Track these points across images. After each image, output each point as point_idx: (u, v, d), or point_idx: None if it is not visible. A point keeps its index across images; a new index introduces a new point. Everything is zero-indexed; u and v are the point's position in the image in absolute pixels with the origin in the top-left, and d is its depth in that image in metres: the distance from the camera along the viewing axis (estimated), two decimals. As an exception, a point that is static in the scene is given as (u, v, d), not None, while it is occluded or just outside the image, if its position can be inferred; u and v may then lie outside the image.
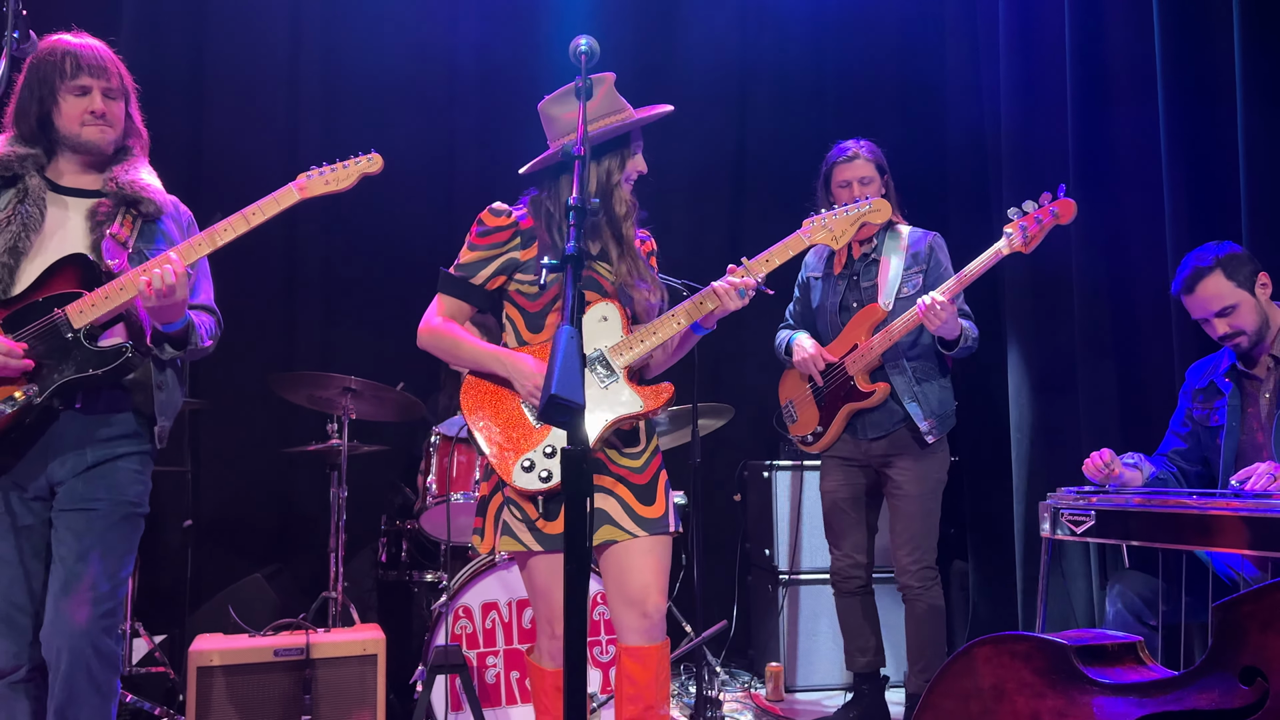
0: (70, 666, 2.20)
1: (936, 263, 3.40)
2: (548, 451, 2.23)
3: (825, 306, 3.48)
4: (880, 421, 3.36)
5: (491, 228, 2.35)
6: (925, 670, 3.35)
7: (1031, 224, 3.12)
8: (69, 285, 2.27)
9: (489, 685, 3.15)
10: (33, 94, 2.34)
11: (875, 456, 3.41)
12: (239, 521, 4.33)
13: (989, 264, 3.18)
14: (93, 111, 2.34)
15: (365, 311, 4.55)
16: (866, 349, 3.30)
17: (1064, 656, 1.99)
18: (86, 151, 2.38)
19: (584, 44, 1.97)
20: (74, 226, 2.35)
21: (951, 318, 3.16)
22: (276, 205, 2.38)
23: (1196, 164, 3.26)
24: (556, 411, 1.19)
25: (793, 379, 3.61)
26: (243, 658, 2.97)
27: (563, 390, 1.17)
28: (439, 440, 3.48)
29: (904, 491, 3.34)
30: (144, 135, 2.51)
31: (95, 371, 2.25)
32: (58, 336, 2.24)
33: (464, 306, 2.38)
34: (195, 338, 2.39)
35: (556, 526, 2.26)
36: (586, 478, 1.47)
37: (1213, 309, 2.72)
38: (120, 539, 2.32)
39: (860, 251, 3.45)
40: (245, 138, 4.35)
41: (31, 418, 2.23)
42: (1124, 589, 2.73)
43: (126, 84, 2.43)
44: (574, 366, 1.22)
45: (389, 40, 4.61)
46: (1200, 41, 3.28)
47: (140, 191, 2.38)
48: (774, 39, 5.00)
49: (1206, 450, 2.88)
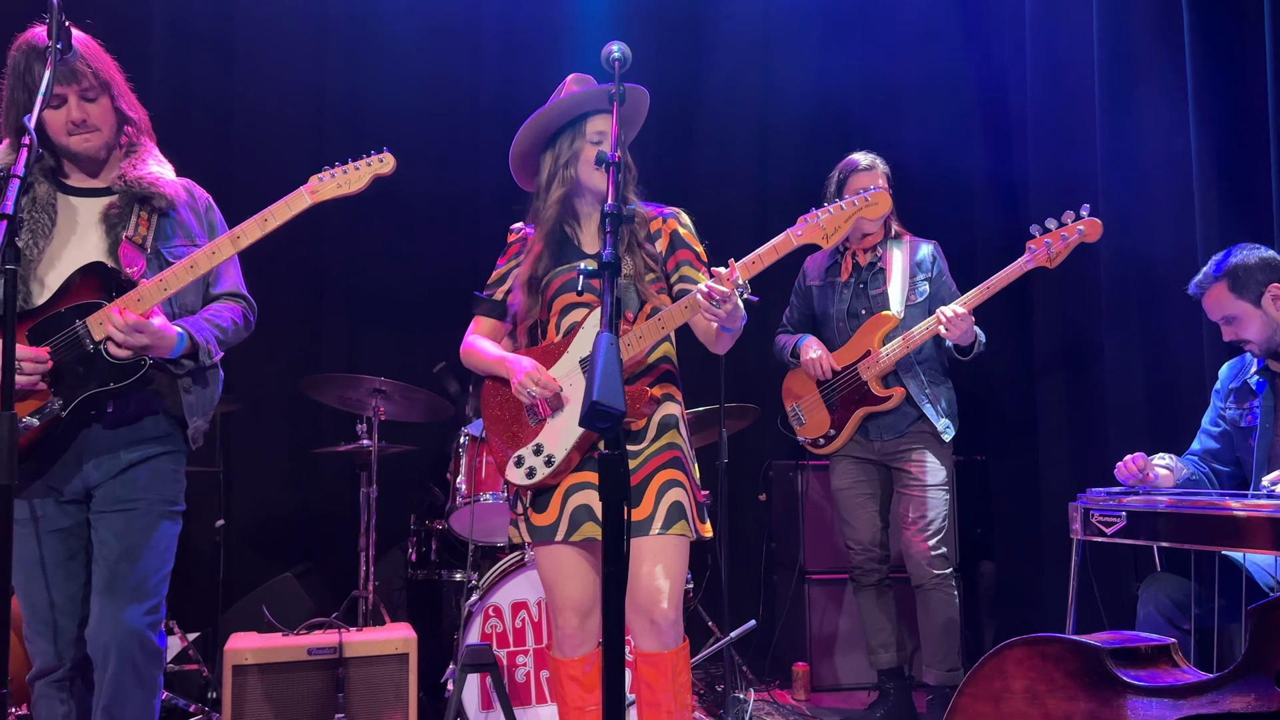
0: (118, 663, 2.24)
1: (940, 270, 3.57)
2: (535, 449, 2.33)
3: (832, 313, 3.60)
4: (894, 424, 3.50)
5: (508, 244, 2.54)
6: (945, 660, 3.46)
7: (1057, 241, 3.23)
8: (90, 294, 2.26)
9: (519, 684, 3.18)
10: (13, 100, 2.26)
11: (888, 454, 3.54)
12: (269, 521, 4.38)
13: (1012, 278, 3.30)
14: (73, 121, 2.26)
15: (391, 314, 4.58)
16: (882, 355, 3.43)
17: (1097, 658, 1.99)
18: (79, 159, 2.34)
19: (616, 50, 1.97)
20: (88, 230, 2.33)
21: (970, 328, 3.30)
22: (288, 210, 2.33)
23: (1227, 154, 3.24)
24: (598, 418, 1.20)
25: (798, 382, 3.69)
26: (277, 656, 3.00)
27: (604, 396, 1.19)
28: (468, 441, 3.50)
29: (919, 481, 3.48)
30: (142, 118, 2.41)
31: (115, 385, 2.25)
32: (80, 348, 2.24)
33: (495, 324, 2.52)
34: (204, 353, 2.36)
35: (544, 519, 2.35)
36: (624, 483, 1.48)
37: (1215, 317, 2.80)
38: (161, 536, 2.35)
39: (866, 260, 3.57)
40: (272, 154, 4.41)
41: (60, 429, 2.25)
42: (1156, 591, 2.72)
43: (105, 74, 2.30)
44: (614, 373, 1.23)
45: (413, 46, 4.63)
46: (1230, 26, 3.25)
47: (150, 187, 2.33)
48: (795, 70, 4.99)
49: (1239, 450, 2.87)
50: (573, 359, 2.35)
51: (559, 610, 2.37)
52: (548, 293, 2.41)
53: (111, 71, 2.32)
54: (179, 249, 2.39)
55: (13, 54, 2.26)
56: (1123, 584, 3.27)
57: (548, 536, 2.34)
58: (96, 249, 2.32)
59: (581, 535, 2.32)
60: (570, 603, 2.36)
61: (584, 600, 2.36)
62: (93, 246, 2.32)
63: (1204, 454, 2.93)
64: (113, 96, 2.33)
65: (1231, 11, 3.24)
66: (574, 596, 2.36)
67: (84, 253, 2.30)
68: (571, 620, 2.36)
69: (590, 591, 2.37)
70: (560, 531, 2.33)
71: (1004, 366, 4.16)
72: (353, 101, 4.58)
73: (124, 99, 2.37)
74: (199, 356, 2.36)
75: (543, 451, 2.32)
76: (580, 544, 2.36)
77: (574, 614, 2.36)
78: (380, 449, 3.71)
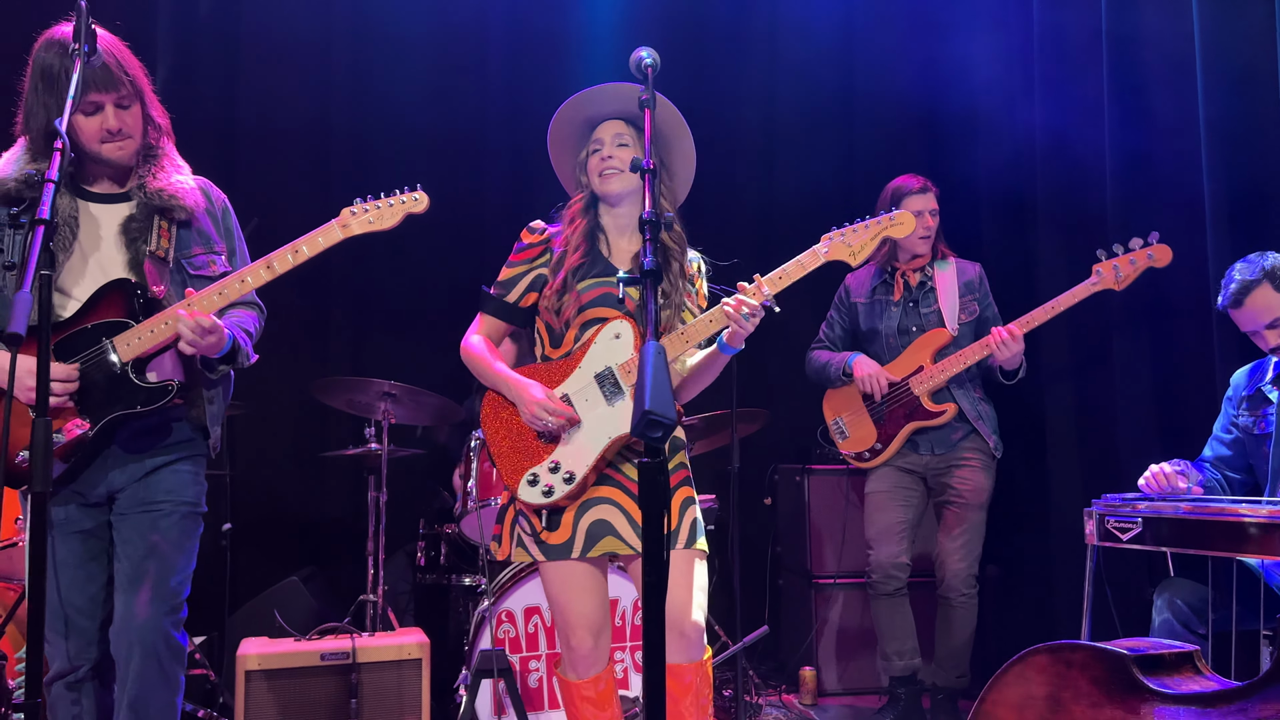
0: (142, 661, 2.24)
1: (985, 292, 3.66)
2: (551, 467, 2.29)
3: (881, 330, 3.65)
4: (945, 438, 3.56)
5: (525, 244, 2.45)
6: (956, 668, 3.54)
7: (1125, 265, 3.28)
8: (116, 312, 2.25)
9: (531, 690, 3.17)
10: (39, 101, 2.20)
11: (935, 469, 3.58)
12: (274, 525, 4.36)
13: (1077, 299, 3.35)
14: (108, 130, 2.24)
15: (396, 318, 4.57)
16: (936, 371, 3.49)
17: (1123, 666, 1.99)
18: (109, 165, 2.32)
19: (646, 55, 1.96)
20: (109, 243, 2.31)
21: (1020, 350, 3.37)
22: (319, 243, 2.36)
23: (1238, 168, 3.25)
24: (650, 427, 1.20)
25: (841, 396, 3.71)
26: (289, 661, 2.99)
27: (656, 406, 1.19)
28: (479, 445, 3.49)
29: (965, 500, 3.53)
30: (164, 122, 2.39)
31: (142, 409, 2.24)
32: (108, 368, 2.23)
33: (500, 325, 2.46)
34: (243, 354, 2.38)
35: (557, 537, 2.30)
36: (663, 492, 1.48)
37: (1263, 321, 2.73)
38: (183, 536, 2.35)
39: (917, 280, 3.64)
40: (277, 156, 4.40)
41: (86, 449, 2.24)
42: (1171, 597, 2.73)
43: (139, 84, 2.28)
44: (664, 382, 1.23)
45: (419, 49, 4.61)
46: (1241, 39, 3.26)
47: (171, 199, 2.32)
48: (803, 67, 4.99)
49: (1251, 457, 2.88)
50: (586, 374, 2.31)
51: (572, 629, 2.32)
52: (572, 302, 2.37)
53: (142, 77, 2.30)
54: (199, 259, 2.39)
55: (39, 52, 2.20)
56: (1133, 589, 3.28)
57: (563, 554, 2.29)
58: (118, 263, 2.30)
59: (599, 550, 2.29)
60: (584, 620, 2.31)
61: (597, 618, 2.33)
62: (114, 260, 2.30)
63: (1216, 460, 2.94)
64: (144, 104, 2.32)
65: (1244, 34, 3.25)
66: (587, 614, 2.31)
67: (106, 266, 2.29)
68: (586, 640, 2.31)
69: (602, 609, 2.34)
70: (576, 548, 2.29)
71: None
72: (357, 107, 4.57)
73: (153, 105, 2.35)
74: (238, 359, 2.37)
75: (560, 469, 2.27)
76: (593, 561, 2.32)
77: (588, 633, 2.31)
78: (389, 453, 3.69)
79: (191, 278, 2.37)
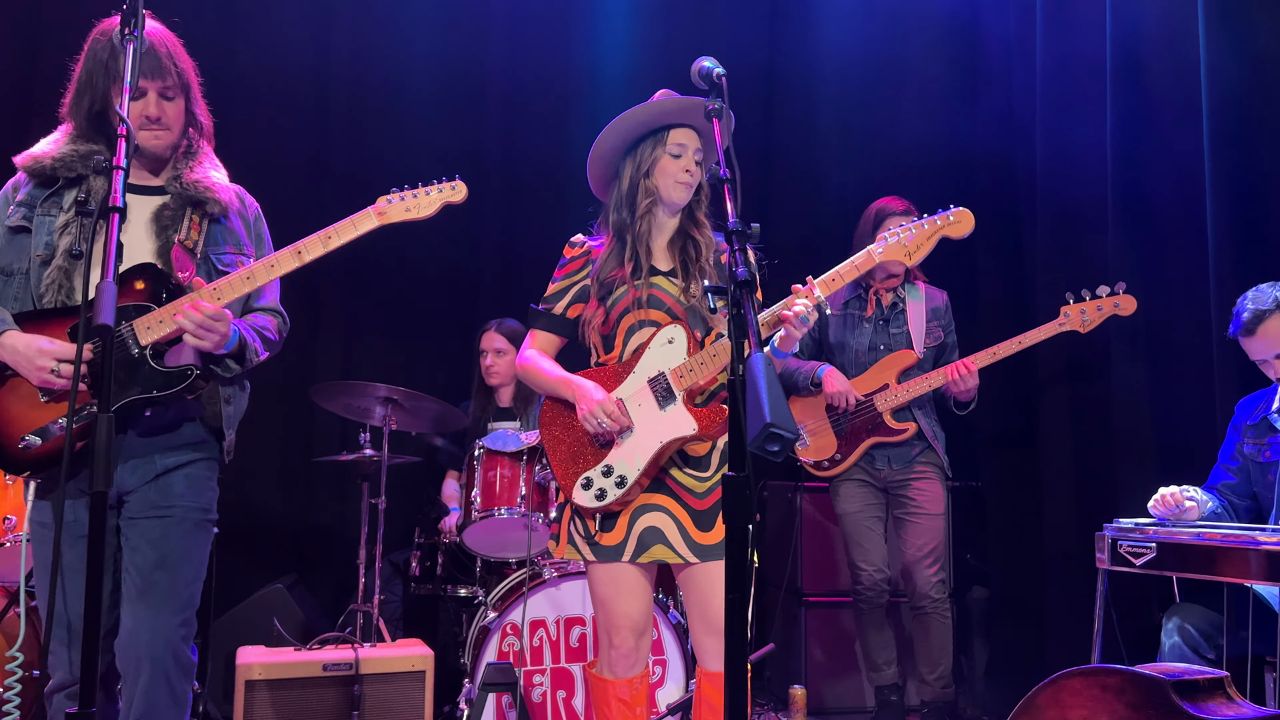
0: (150, 677, 2.16)
1: (949, 320, 3.77)
2: (604, 471, 2.31)
3: (850, 344, 3.72)
4: (904, 454, 3.65)
5: (568, 259, 2.49)
6: (940, 678, 3.60)
7: (1092, 310, 3.43)
8: (139, 296, 2.19)
9: (535, 704, 3.12)
10: (89, 85, 2.22)
11: (893, 482, 3.67)
12: (259, 532, 4.25)
13: (1042, 337, 3.48)
14: (148, 116, 2.22)
15: (388, 322, 4.51)
16: (901, 390, 3.58)
17: (1161, 691, 2.00)
18: (142, 153, 2.28)
19: (709, 63, 1.94)
20: (139, 230, 2.27)
21: (975, 385, 3.50)
22: (354, 230, 2.31)
23: (1241, 196, 3.32)
24: (769, 440, 1.18)
25: (805, 405, 3.77)
26: (291, 672, 2.92)
27: (777, 419, 1.17)
28: (483, 454, 3.44)
29: (925, 510, 3.61)
30: (207, 124, 2.40)
31: (160, 394, 2.18)
32: (125, 351, 2.17)
33: (552, 338, 2.49)
34: (251, 351, 2.33)
35: (611, 539, 2.33)
36: (748, 506, 1.47)
37: (1274, 350, 2.79)
38: (195, 545, 2.28)
39: (889, 300, 3.70)
40: (272, 147, 4.31)
41: None
42: (1181, 621, 2.76)
43: (187, 77, 2.29)
44: (780, 394, 1.21)
45: (418, 50, 4.57)
46: (1246, 69, 3.35)
47: (205, 192, 2.29)
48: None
49: (1256, 485, 2.94)
50: (639, 379, 2.33)
51: (616, 629, 2.35)
52: (617, 308, 2.37)
53: (191, 74, 2.30)
54: (228, 256, 2.35)
55: (96, 39, 2.21)
56: (1137, 614, 3.33)
57: (614, 556, 2.33)
58: (147, 250, 2.25)
59: (649, 557, 2.32)
60: (628, 621, 2.34)
61: (641, 620, 2.36)
62: (143, 247, 2.25)
63: (1222, 487, 2.99)
64: (189, 99, 2.31)
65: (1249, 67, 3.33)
66: (632, 615, 2.35)
67: (134, 253, 2.23)
68: (628, 640, 2.35)
69: (646, 612, 2.38)
70: (627, 552, 2.32)
71: (1004, 393, 4.21)
72: (355, 100, 4.52)
73: (198, 104, 2.34)
74: (245, 356, 2.31)
75: (613, 473, 2.29)
76: (644, 565, 2.36)
77: (631, 633, 2.35)
78: (380, 460, 3.62)
79: (219, 274, 2.31)
